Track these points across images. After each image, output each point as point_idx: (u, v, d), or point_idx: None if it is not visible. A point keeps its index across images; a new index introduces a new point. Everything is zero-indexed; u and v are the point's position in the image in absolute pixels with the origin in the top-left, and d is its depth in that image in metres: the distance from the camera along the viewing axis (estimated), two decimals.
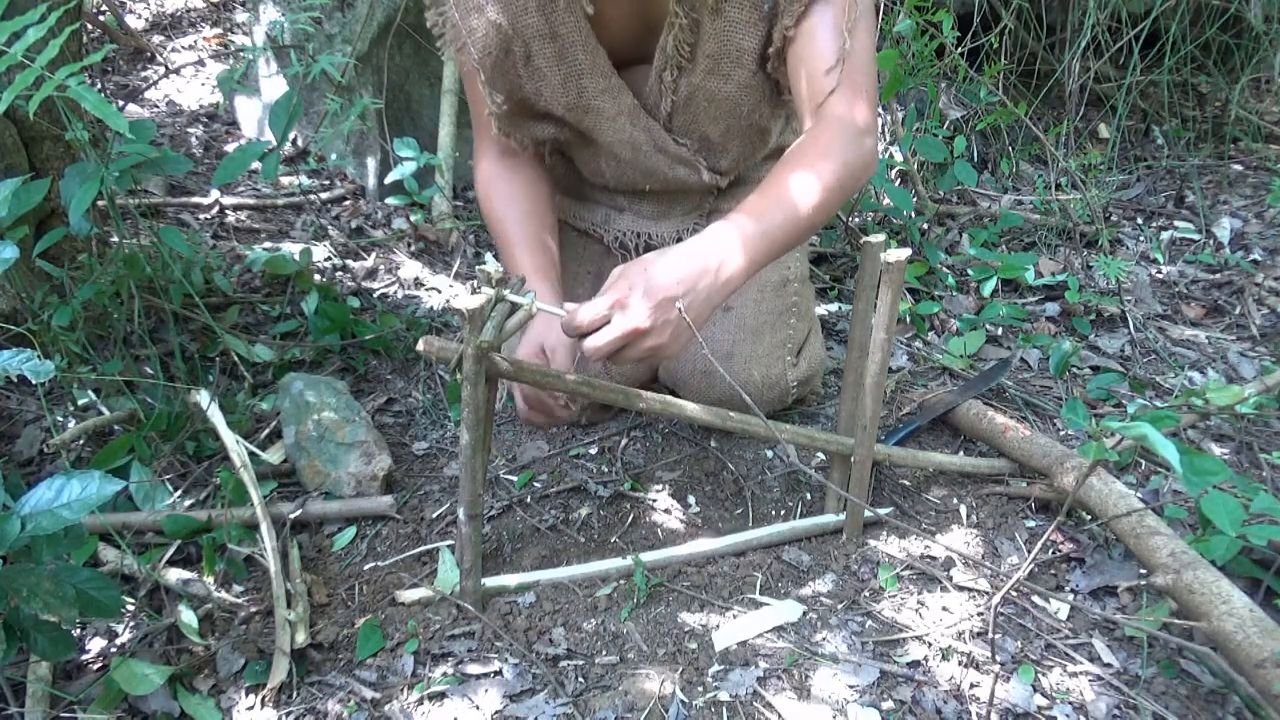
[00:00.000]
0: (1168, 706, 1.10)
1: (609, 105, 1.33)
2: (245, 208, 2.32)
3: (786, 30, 1.20)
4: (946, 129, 2.45)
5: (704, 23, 1.23)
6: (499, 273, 1.06)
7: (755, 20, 1.22)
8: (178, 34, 3.26)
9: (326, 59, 1.57)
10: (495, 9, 1.24)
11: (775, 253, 1.09)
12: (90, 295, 1.49)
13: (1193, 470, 0.89)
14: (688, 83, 1.30)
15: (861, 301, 1.23)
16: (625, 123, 1.35)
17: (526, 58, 1.29)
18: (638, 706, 1.09)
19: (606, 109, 1.33)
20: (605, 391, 1.16)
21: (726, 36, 1.24)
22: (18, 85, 1.09)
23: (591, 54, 1.28)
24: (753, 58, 1.25)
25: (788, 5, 1.19)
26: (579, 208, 1.58)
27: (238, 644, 1.14)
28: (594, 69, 1.29)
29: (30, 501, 0.93)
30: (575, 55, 1.28)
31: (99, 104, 1.10)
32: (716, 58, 1.25)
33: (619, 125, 1.35)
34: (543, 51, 1.28)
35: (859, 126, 1.14)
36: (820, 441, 1.30)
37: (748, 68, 1.27)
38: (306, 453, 1.42)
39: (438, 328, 1.87)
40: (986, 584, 1.29)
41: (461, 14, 1.26)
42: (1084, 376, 1.78)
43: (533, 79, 1.31)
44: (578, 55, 1.28)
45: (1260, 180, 2.66)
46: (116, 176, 1.35)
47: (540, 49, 1.27)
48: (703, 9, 1.21)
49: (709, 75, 1.28)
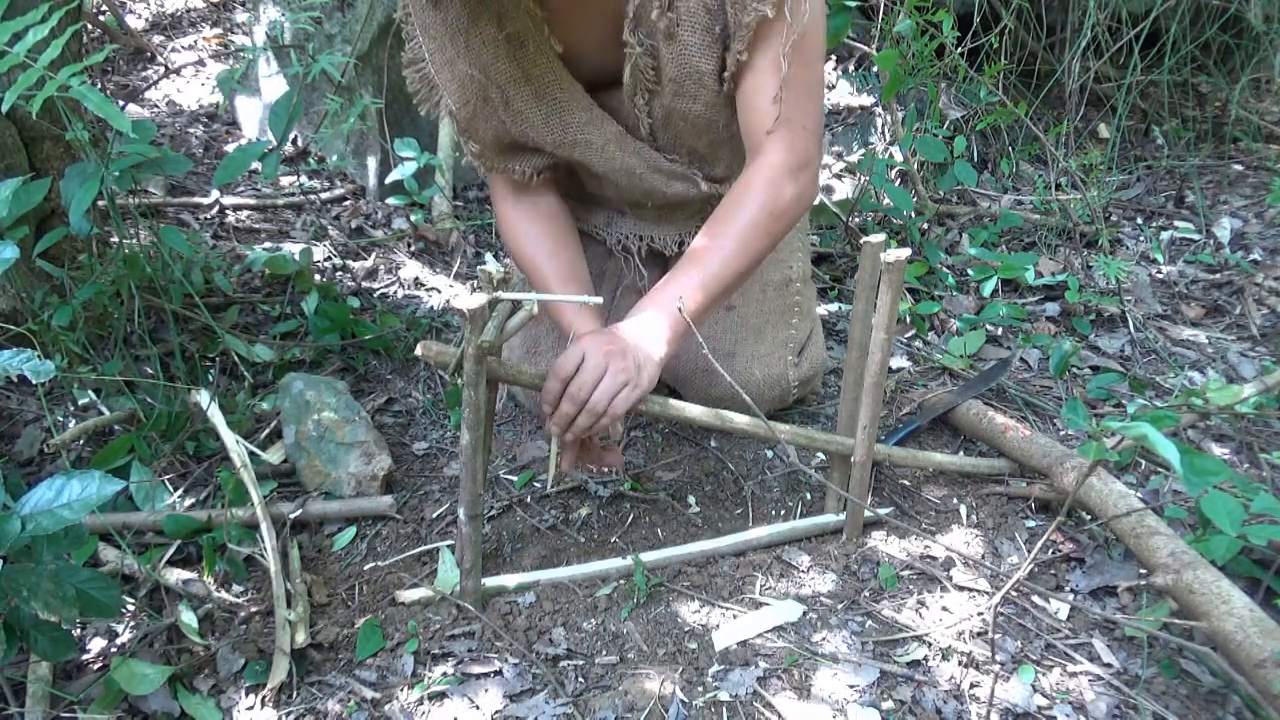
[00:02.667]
0: (1168, 706, 1.10)
1: (595, 136, 1.33)
2: (245, 208, 2.33)
3: (739, 55, 1.19)
4: (946, 129, 2.45)
5: (660, 48, 1.22)
6: (500, 273, 1.06)
7: (709, 43, 1.21)
8: (178, 34, 3.26)
9: (326, 58, 1.57)
10: (465, 61, 1.25)
11: (717, 302, 1.22)
12: (90, 295, 1.50)
13: (1193, 471, 0.89)
14: (660, 105, 1.29)
15: (861, 301, 1.23)
16: (615, 150, 1.34)
17: (505, 102, 1.29)
18: (638, 706, 1.09)
19: (594, 140, 1.33)
20: None
21: (684, 60, 1.22)
22: (20, 85, 1.09)
23: (568, 90, 1.28)
24: (713, 78, 1.24)
25: (736, 29, 1.18)
26: (580, 210, 1.57)
27: (238, 644, 1.14)
28: (573, 103, 1.29)
29: (30, 501, 0.93)
30: (553, 94, 1.28)
31: (102, 104, 1.10)
32: (679, 80, 1.24)
33: (609, 153, 1.35)
34: (520, 94, 1.28)
35: (789, 166, 1.21)
36: (820, 442, 1.30)
37: (710, 88, 1.25)
38: (306, 453, 1.42)
39: (438, 328, 1.87)
40: (986, 584, 1.29)
41: (436, 69, 1.28)
42: (1084, 376, 1.78)
43: (516, 121, 1.31)
44: (555, 94, 1.28)
45: (1260, 180, 2.66)
46: (116, 176, 1.35)
47: (517, 92, 1.27)
48: (657, 35, 1.20)
49: (676, 97, 1.27)
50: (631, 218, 1.55)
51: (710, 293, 1.19)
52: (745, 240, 1.20)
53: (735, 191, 1.22)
